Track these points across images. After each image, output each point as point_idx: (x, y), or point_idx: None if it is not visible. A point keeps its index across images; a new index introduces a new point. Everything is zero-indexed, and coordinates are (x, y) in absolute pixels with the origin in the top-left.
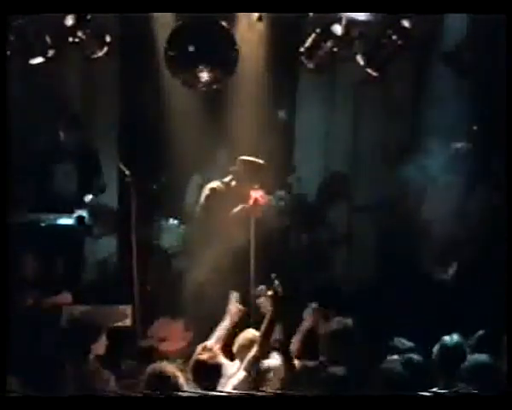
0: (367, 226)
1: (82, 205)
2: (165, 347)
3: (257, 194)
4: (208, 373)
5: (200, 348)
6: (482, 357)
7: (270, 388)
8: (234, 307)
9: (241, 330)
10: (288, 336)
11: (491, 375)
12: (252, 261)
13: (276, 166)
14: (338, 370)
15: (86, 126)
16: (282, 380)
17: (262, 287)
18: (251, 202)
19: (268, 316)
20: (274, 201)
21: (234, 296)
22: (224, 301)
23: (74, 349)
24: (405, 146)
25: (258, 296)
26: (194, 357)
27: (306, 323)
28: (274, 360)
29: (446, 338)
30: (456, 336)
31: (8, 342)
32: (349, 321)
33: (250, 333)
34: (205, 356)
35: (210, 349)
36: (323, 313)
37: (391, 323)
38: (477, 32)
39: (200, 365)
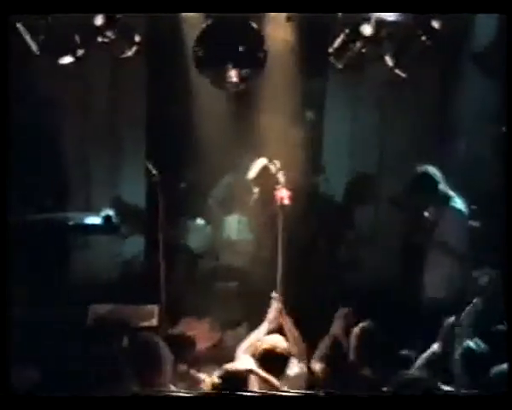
0: (394, 227)
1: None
2: None
3: (282, 193)
4: (277, 361)
5: (265, 338)
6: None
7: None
8: (274, 312)
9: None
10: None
11: None
12: (279, 262)
13: (305, 167)
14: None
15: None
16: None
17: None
18: (277, 202)
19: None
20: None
21: (276, 299)
22: (251, 301)
23: (100, 348)
24: (433, 147)
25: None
26: (263, 346)
27: (335, 328)
28: (296, 367)
29: (472, 344)
30: (480, 342)
31: (10, 343)
32: (376, 324)
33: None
34: (271, 345)
35: (274, 341)
36: (351, 317)
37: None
38: (506, 32)
39: (270, 353)
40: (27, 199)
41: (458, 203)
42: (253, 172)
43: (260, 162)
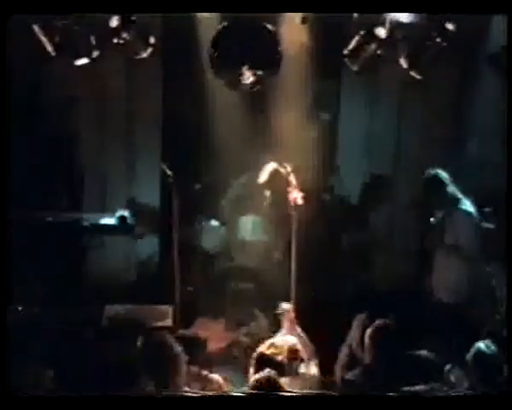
0: (409, 228)
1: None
2: None
3: (294, 194)
4: (269, 363)
5: (268, 342)
6: None
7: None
8: (288, 320)
9: None
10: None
11: None
12: (293, 263)
13: (319, 168)
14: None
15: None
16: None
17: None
18: (291, 203)
19: None
20: None
21: (283, 309)
22: (265, 303)
23: (115, 348)
24: (448, 148)
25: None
26: (260, 349)
27: (353, 335)
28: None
29: (482, 345)
30: (491, 344)
31: (10, 343)
32: (392, 323)
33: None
34: (269, 351)
35: (277, 347)
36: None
37: (431, 325)
38: (507, 32)
39: (263, 359)
40: (43, 200)
41: (467, 205)
42: (263, 177)
43: (270, 166)
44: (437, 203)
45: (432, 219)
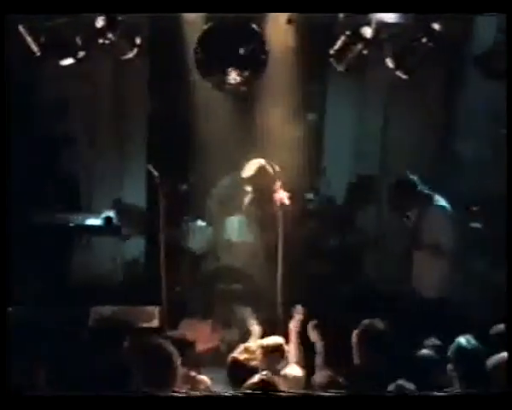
0: (396, 228)
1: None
2: None
3: (280, 195)
4: (242, 374)
5: (242, 347)
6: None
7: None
8: (255, 326)
9: None
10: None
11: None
12: (280, 263)
13: (306, 169)
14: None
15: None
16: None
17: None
18: (277, 203)
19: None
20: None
21: (249, 314)
22: (253, 303)
23: (102, 350)
24: (435, 149)
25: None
26: (233, 355)
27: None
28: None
29: (462, 341)
30: (471, 339)
31: (10, 342)
32: (379, 323)
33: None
34: (242, 357)
35: (251, 351)
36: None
37: (421, 325)
38: (506, 31)
39: (237, 364)
40: (29, 200)
41: (441, 201)
42: (248, 171)
43: (257, 162)
44: (410, 204)
45: (404, 219)
